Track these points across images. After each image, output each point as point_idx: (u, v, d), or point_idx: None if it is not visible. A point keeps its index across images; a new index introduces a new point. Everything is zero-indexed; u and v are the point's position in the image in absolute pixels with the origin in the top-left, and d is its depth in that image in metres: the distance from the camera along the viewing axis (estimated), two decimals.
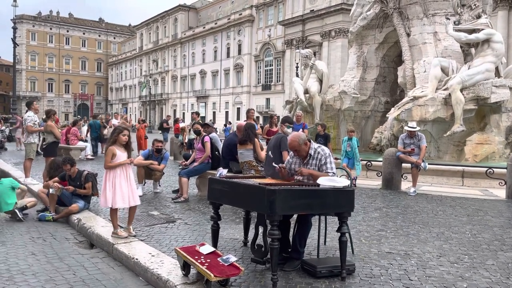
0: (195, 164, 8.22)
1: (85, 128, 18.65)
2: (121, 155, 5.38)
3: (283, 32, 52.58)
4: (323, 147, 4.72)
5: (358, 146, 10.44)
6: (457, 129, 11.76)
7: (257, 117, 56.16)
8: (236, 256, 4.28)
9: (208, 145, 8.12)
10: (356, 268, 4.23)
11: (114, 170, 5.33)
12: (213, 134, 9.76)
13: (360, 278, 4.08)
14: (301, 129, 10.98)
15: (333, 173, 4.50)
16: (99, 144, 16.97)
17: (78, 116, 27.11)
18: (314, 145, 4.68)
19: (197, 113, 17.68)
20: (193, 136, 14.71)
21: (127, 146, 5.49)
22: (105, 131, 16.74)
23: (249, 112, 11.14)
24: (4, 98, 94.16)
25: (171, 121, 23.14)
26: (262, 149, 7.52)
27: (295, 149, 4.60)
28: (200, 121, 13.75)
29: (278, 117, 12.26)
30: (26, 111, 10.54)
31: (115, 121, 18.29)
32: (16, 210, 6.70)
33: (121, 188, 5.30)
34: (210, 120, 51.35)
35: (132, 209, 5.52)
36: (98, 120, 17.65)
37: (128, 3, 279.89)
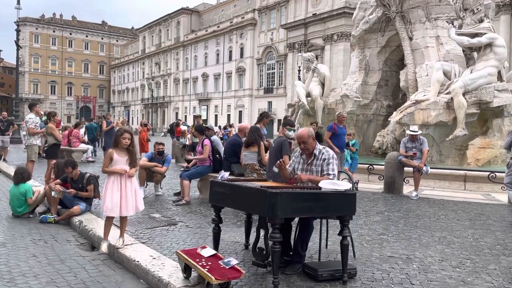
0: (191, 156, 8.25)
1: (82, 130, 18.66)
2: (118, 159, 5.09)
3: (285, 36, 52.66)
4: (327, 148, 4.73)
5: (357, 150, 10.64)
6: (460, 133, 11.74)
7: None
8: (237, 259, 4.26)
9: (207, 148, 8.12)
10: (357, 272, 4.22)
11: (109, 176, 5.11)
12: (214, 137, 9.76)
13: (362, 282, 4.07)
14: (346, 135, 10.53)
15: (334, 174, 4.50)
16: (97, 146, 16.94)
17: (82, 119, 26.97)
18: (320, 146, 4.70)
19: (200, 116, 17.58)
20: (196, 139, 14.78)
21: (129, 150, 5.17)
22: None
23: (268, 117, 9.34)
24: (7, 100, 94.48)
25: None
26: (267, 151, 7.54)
27: (303, 140, 4.61)
28: (203, 124, 13.72)
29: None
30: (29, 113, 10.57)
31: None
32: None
33: (111, 196, 5.02)
34: (197, 115, 51.23)
35: (122, 220, 5.17)
36: (94, 122, 17.65)
37: (131, 6, 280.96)
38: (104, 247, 5.04)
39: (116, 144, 5.15)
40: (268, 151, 7.34)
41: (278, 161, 4.71)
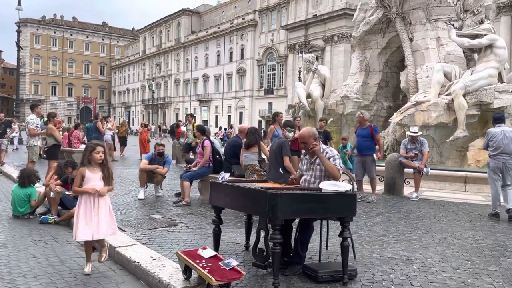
0: (194, 168, 8.24)
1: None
2: (91, 177, 4.52)
3: (286, 37, 52.68)
4: (331, 147, 4.80)
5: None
6: (460, 135, 11.74)
7: (259, 121, 56.39)
8: (237, 260, 4.27)
9: (207, 149, 8.13)
10: (358, 273, 4.22)
11: (81, 196, 4.55)
12: (211, 137, 9.75)
13: (362, 283, 4.06)
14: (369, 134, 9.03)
15: (341, 167, 4.64)
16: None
17: (74, 120, 26.85)
18: (323, 146, 4.75)
19: (192, 115, 17.23)
20: (191, 139, 14.74)
21: (103, 165, 4.59)
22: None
23: (278, 115, 9.76)
24: (7, 101, 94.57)
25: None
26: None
27: (303, 141, 4.66)
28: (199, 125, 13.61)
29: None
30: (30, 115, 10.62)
31: (107, 125, 17.89)
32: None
33: (84, 218, 4.45)
34: (189, 114, 50.87)
35: (101, 241, 4.65)
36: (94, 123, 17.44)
37: (131, 7, 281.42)
38: (87, 269, 4.52)
39: (88, 160, 4.55)
40: (268, 152, 7.35)
41: (290, 178, 4.79)
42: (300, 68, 32.70)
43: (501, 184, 7.44)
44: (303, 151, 4.97)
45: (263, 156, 7.66)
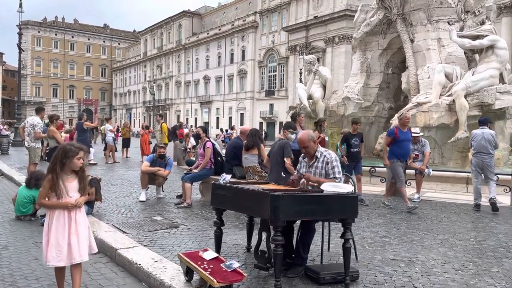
0: (195, 170, 8.24)
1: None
2: (65, 187, 3.61)
3: (286, 38, 52.73)
4: (329, 151, 4.77)
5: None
6: (462, 135, 11.73)
7: (260, 123, 56.40)
8: (239, 262, 4.26)
9: (209, 151, 8.12)
10: (360, 275, 4.21)
11: (51, 211, 3.62)
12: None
13: (364, 284, 4.05)
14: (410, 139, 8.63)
15: (340, 178, 4.56)
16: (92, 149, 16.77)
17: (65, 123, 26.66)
18: (321, 148, 4.74)
19: (161, 115, 16.79)
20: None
21: (79, 173, 3.69)
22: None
23: (299, 116, 9.13)
24: (9, 103, 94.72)
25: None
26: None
27: (303, 145, 4.65)
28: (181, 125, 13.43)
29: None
30: (32, 116, 10.65)
31: (109, 127, 17.94)
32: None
33: (57, 238, 3.55)
34: (158, 113, 50.59)
35: (75, 269, 3.67)
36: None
37: (131, 8, 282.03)
38: None
39: (62, 166, 3.60)
40: (269, 154, 7.33)
41: (289, 179, 4.74)
42: (301, 69, 32.74)
43: (483, 179, 8.32)
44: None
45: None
